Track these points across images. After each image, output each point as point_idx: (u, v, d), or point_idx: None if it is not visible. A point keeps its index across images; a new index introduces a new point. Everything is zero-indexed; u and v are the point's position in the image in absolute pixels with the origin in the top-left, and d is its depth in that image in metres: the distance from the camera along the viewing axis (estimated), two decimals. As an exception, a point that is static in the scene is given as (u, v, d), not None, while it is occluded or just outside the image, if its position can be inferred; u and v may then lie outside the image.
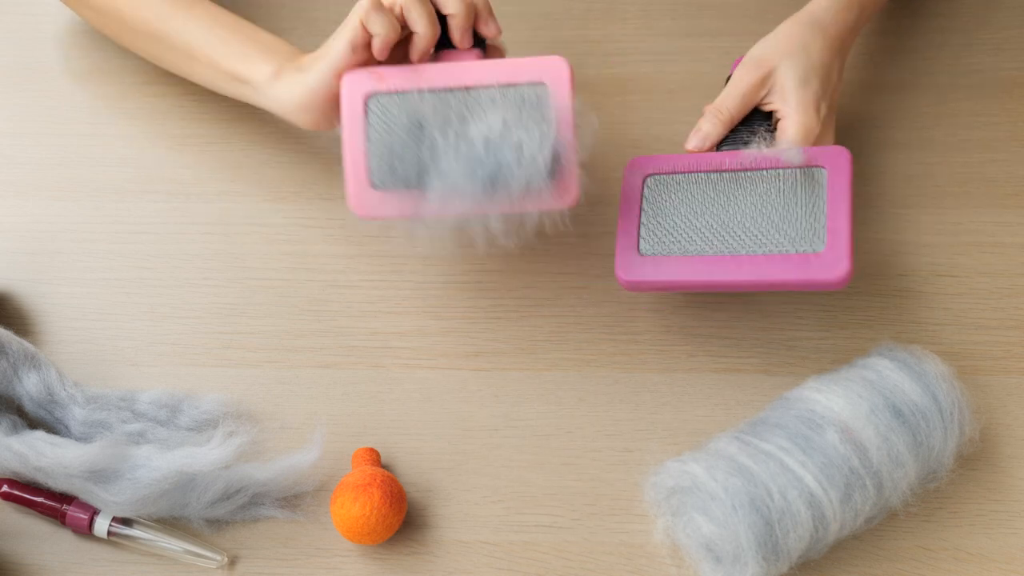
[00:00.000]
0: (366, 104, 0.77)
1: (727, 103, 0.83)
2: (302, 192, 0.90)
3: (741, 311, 0.85)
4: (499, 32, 0.80)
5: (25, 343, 0.78)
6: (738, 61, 0.85)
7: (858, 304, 0.86)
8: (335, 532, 0.75)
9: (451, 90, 0.77)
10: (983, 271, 0.87)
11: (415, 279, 0.86)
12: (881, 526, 0.76)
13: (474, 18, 0.79)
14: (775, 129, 0.83)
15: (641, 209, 0.80)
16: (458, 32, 0.78)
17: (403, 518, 0.75)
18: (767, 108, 0.83)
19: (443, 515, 0.77)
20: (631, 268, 0.78)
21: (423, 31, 0.77)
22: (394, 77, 0.77)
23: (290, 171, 0.91)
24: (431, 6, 0.78)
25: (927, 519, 0.77)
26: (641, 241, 0.79)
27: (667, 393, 0.82)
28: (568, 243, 0.88)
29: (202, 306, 0.85)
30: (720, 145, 0.83)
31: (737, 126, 0.83)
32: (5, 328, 0.78)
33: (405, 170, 0.76)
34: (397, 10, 0.77)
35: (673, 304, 0.85)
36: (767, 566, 0.69)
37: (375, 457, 0.77)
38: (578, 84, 0.97)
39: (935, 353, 0.77)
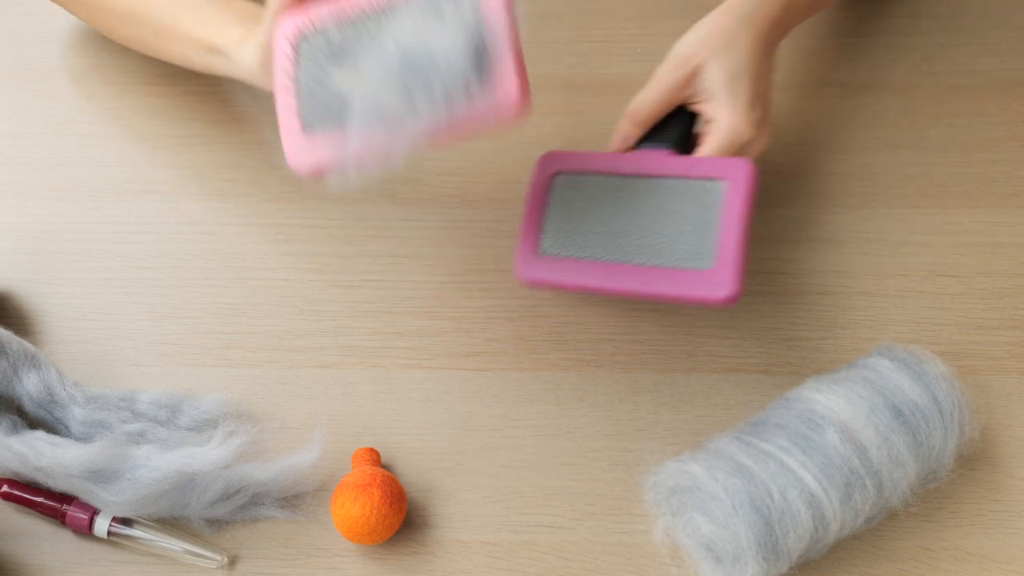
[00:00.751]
0: (296, 47, 0.73)
1: (644, 105, 0.79)
2: (302, 192, 0.90)
3: (741, 311, 0.85)
4: None
5: (25, 343, 0.78)
6: None
7: (858, 304, 0.86)
8: (335, 532, 0.75)
9: (372, 12, 0.71)
10: (983, 271, 0.87)
11: (415, 279, 0.86)
12: (881, 526, 0.76)
13: None
14: (695, 133, 0.79)
15: (547, 207, 0.79)
16: None
17: (403, 518, 0.75)
18: (693, 109, 0.80)
19: (443, 515, 0.77)
20: (530, 267, 0.78)
21: None
22: (317, 14, 0.73)
23: (289, 171, 0.91)
24: None
25: (927, 519, 0.77)
26: (543, 240, 0.78)
27: (667, 393, 0.82)
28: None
29: (202, 306, 0.85)
30: (639, 143, 0.81)
31: (664, 123, 0.81)
32: (5, 328, 0.78)
33: (330, 100, 0.70)
34: None
35: (673, 304, 0.85)
36: (767, 566, 0.69)
37: (375, 457, 0.77)
38: (578, 84, 0.97)
39: (935, 353, 0.77)
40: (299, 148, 0.72)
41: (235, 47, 0.80)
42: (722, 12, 0.80)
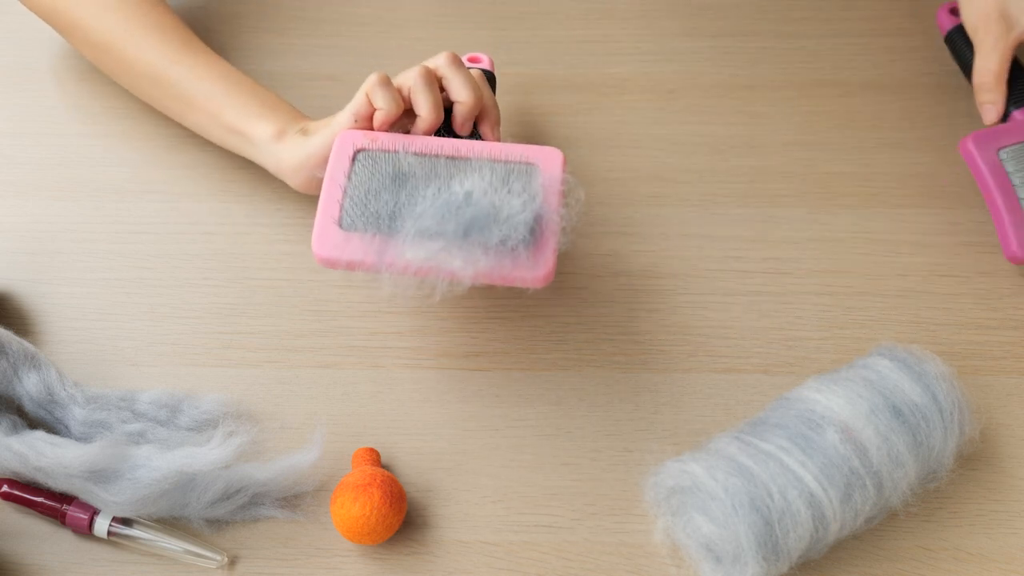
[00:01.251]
0: (354, 156, 0.78)
1: (992, 72, 0.89)
2: (302, 192, 0.90)
3: (741, 311, 0.85)
4: (498, 139, 0.81)
5: (25, 343, 0.78)
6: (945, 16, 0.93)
7: (858, 304, 0.86)
8: (335, 532, 0.75)
9: (441, 157, 0.77)
10: (983, 271, 0.87)
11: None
12: (881, 526, 0.76)
13: (479, 113, 0.80)
14: None
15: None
16: (460, 119, 0.80)
17: (403, 518, 0.75)
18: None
19: (443, 515, 0.77)
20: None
21: (426, 116, 0.78)
22: (387, 139, 0.78)
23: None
24: (439, 95, 0.79)
25: (927, 519, 0.77)
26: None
27: (667, 393, 0.82)
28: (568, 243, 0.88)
29: (202, 306, 0.85)
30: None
31: (1011, 82, 0.90)
32: (5, 328, 0.78)
33: (378, 209, 0.75)
34: (405, 91, 0.79)
35: (673, 304, 0.85)
36: (767, 566, 0.69)
37: (375, 457, 0.77)
38: (578, 84, 0.97)
39: (935, 353, 0.77)
40: (329, 238, 0.75)
41: (267, 140, 0.84)
42: None
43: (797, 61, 0.99)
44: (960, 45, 0.94)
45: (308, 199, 0.90)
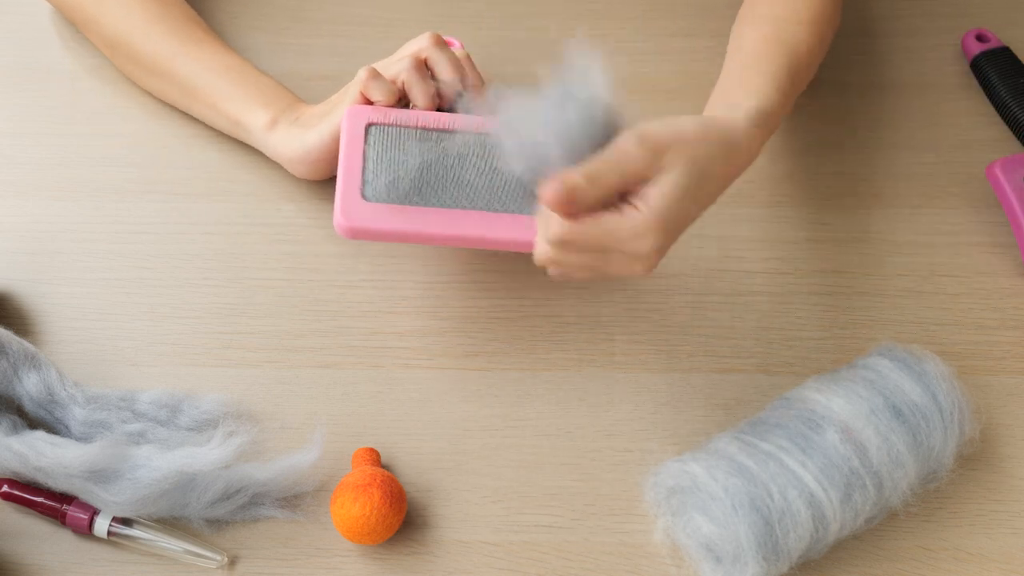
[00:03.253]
0: (367, 129, 0.80)
1: (607, 175, 0.67)
2: (302, 192, 0.90)
3: (741, 311, 0.85)
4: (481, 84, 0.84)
5: (25, 343, 0.78)
6: None
7: (858, 304, 0.86)
8: (335, 532, 0.75)
9: (453, 129, 0.80)
10: (983, 271, 0.87)
11: (415, 279, 0.86)
12: (881, 526, 0.76)
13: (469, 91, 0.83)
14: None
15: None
16: (447, 98, 0.82)
17: (403, 518, 0.75)
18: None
19: (443, 515, 0.77)
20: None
21: (424, 105, 0.81)
22: (397, 114, 0.81)
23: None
24: (431, 84, 0.81)
25: (927, 519, 0.77)
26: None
27: (667, 393, 0.82)
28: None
29: (202, 306, 0.85)
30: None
31: None
32: (5, 328, 0.78)
33: (401, 177, 0.77)
34: (399, 83, 0.81)
35: (673, 304, 0.85)
36: (767, 566, 0.69)
37: (375, 457, 0.77)
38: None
39: (935, 353, 0.77)
40: (354, 210, 0.77)
41: (261, 130, 0.86)
42: (716, 122, 0.71)
43: (797, 61, 0.98)
44: (986, 71, 0.95)
45: (308, 199, 0.90)
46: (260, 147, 0.88)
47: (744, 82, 0.78)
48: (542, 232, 0.70)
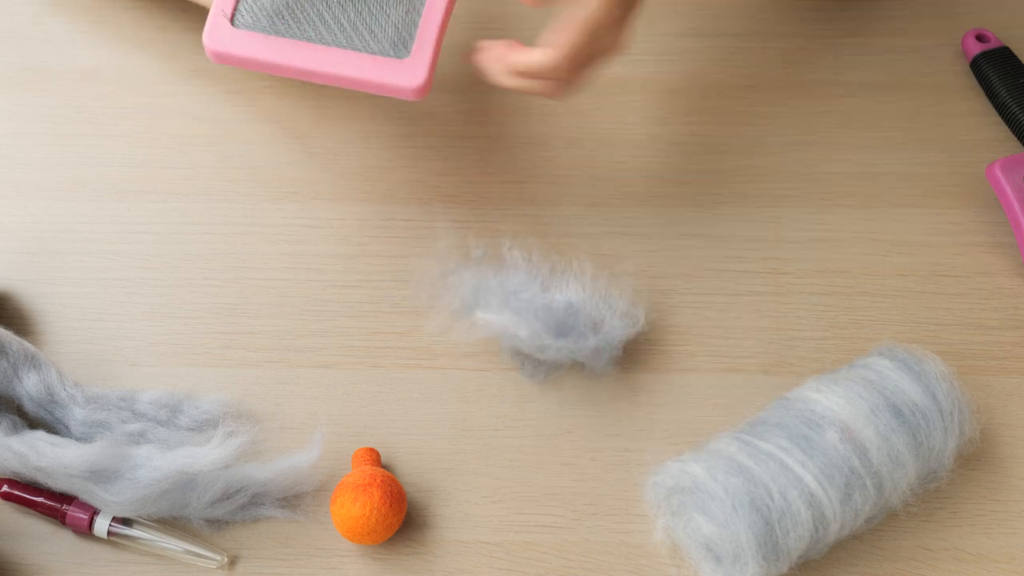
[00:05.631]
0: None
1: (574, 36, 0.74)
2: (302, 192, 0.90)
3: (741, 311, 0.85)
4: None
5: (25, 343, 0.78)
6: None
7: (858, 304, 0.86)
8: (335, 532, 0.75)
9: None
10: (983, 271, 0.87)
11: (415, 280, 0.86)
12: (881, 526, 0.76)
13: None
14: None
15: None
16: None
17: (403, 518, 0.75)
18: None
19: (443, 515, 0.77)
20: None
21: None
22: None
23: (290, 171, 0.91)
24: None
25: (927, 519, 0.77)
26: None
27: (667, 393, 0.82)
28: (568, 242, 0.88)
29: (202, 306, 0.85)
30: None
31: None
32: (5, 328, 0.78)
33: (276, 3, 0.77)
34: None
35: (673, 304, 0.85)
36: (767, 566, 0.69)
37: (375, 457, 0.77)
38: (578, 84, 0.97)
39: (935, 353, 0.77)
40: (221, 35, 0.78)
41: None
42: None
43: (797, 61, 0.98)
44: (986, 71, 0.95)
45: (307, 199, 0.90)
46: None
47: None
48: (535, 64, 0.74)
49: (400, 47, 0.77)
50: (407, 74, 0.77)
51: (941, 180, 0.92)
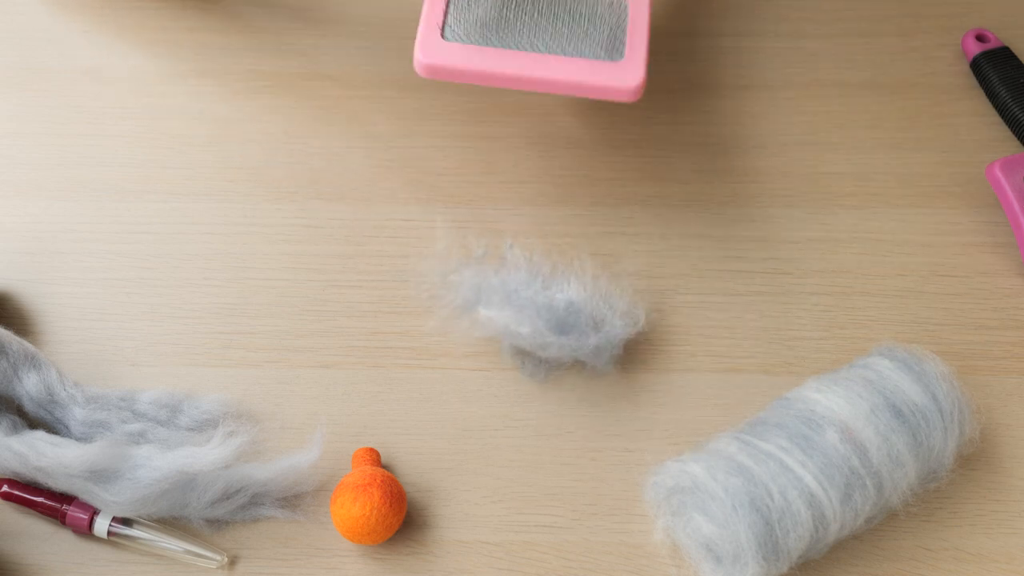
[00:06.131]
0: None
1: None
2: (302, 192, 0.90)
3: (741, 311, 0.85)
4: None
5: (25, 343, 0.78)
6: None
7: (858, 304, 0.86)
8: (335, 532, 0.75)
9: None
10: (983, 271, 0.87)
11: (415, 279, 0.86)
12: (881, 526, 0.76)
13: None
14: None
15: None
16: None
17: (403, 518, 0.75)
18: None
19: (443, 515, 0.77)
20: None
21: None
22: None
23: (290, 171, 0.91)
24: None
25: (927, 519, 0.77)
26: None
27: (667, 393, 0.82)
28: (569, 242, 0.88)
29: (202, 306, 0.85)
30: None
31: None
32: (5, 328, 0.78)
33: (487, 14, 0.79)
34: None
35: (673, 304, 0.85)
36: (767, 566, 0.69)
37: (375, 457, 0.77)
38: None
39: (935, 353, 0.77)
40: (433, 48, 0.79)
41: None
42: None
43: (797, 61, 0.99)
44: (986, 71, 0.95)
45: (307, 199, 0.90)
46: None
47: None
48: None
49: (614, 50, 0.79)
50: (625, 75, 0.78)
51: (941, 180, 0.92)
